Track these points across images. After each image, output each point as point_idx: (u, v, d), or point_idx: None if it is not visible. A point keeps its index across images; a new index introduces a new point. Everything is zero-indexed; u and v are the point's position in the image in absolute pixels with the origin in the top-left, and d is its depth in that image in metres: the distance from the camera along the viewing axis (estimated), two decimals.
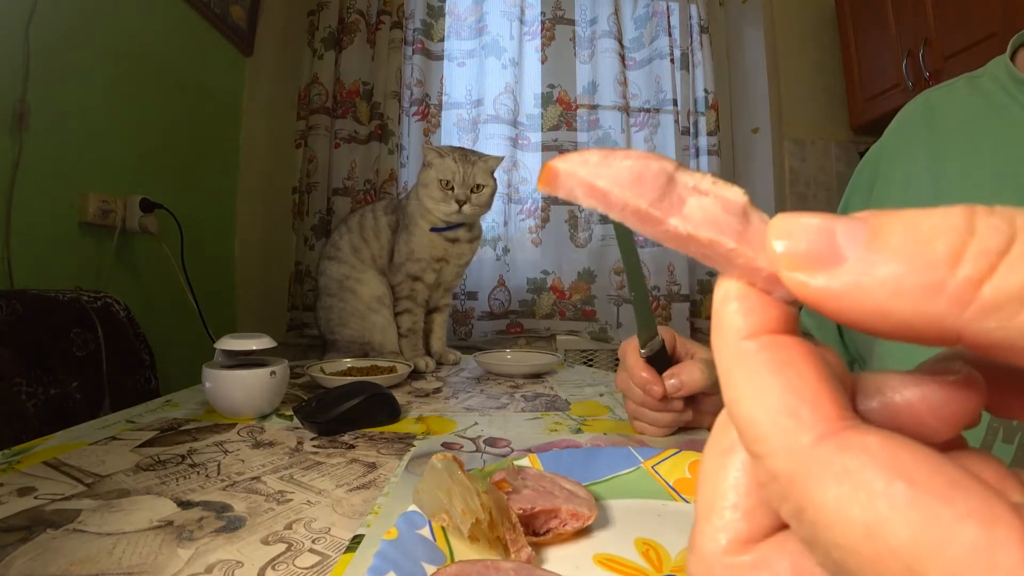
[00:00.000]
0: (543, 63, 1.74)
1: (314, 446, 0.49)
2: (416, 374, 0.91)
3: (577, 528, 0.31)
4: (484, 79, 1.70)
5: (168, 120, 1.29)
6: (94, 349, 0.82)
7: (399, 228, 1.04)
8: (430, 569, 0.27)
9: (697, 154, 1.79)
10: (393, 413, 0.58)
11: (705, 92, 1.78)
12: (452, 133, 1.71)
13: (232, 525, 0.34)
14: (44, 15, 0.92)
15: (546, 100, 1.73)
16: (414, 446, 0.50)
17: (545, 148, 1.72)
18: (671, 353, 0.53)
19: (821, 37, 1.81)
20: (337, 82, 1.60)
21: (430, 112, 1.67)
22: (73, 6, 1.00)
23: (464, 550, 0.29)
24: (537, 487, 0.33)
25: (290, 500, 0.37)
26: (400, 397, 0.66)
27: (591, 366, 1.47)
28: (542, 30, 1.74)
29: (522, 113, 1.71)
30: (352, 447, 0.49)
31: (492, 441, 0.52)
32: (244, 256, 1.64)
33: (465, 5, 1.74)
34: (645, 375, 0.50)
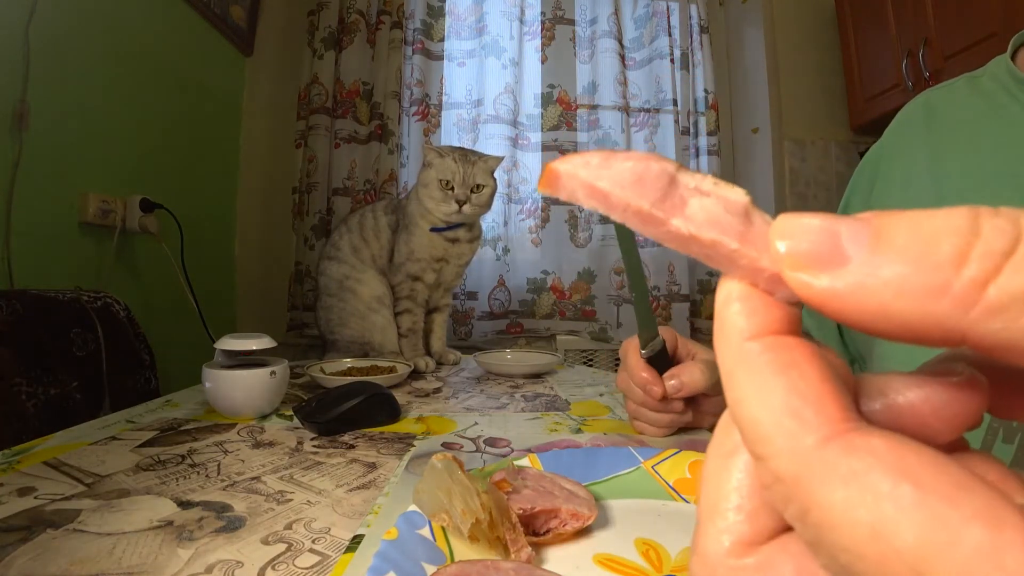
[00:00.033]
0: (543, 63, 1.74)
1: (314, 446, 0.49)
2: (416, 374, 0.90)
3: (577, 528, 0.31)
4: (484, 79, 1.70)
5: (168, 120, 1.28)
6: (94, 349, 0.82)
7: (399, 228, 1.04)
8: (430, 569, 0.27)
9: (697, 154, 1.79)
10: (393, 413, 0.58)
11: (705, 92, 1.78)
12: (452, 133, 1.71)
13: (232, 525, 0.34)
14: (44, 15, 0.92)
15: (546, 100, 1.73)
16: (414, 446, 0.50)
17: (545, 148, 1.72)
18: (672, 354, 0.52)
19: (821, 37, 1.81)
20: (337, 82, 1.60)
21: (430, 112, 1.67)
22: (73, 6, 1.00)
23: (464, 550, 0.29)
24: (537, 487, 0.33)
25: (290, 500, 0.37)
26: (400, 397, 0.66)
27: (591, 366, 1.47)
28: (542, 30, 1.74)
29: (522, 113, 1.71)
30: (352, 447, 0.49)
31: (492, 441, 0.52)
32: (244, 256, 1.64)
33: (465, 5, 1.74)
34: (645, 375, 0.50)
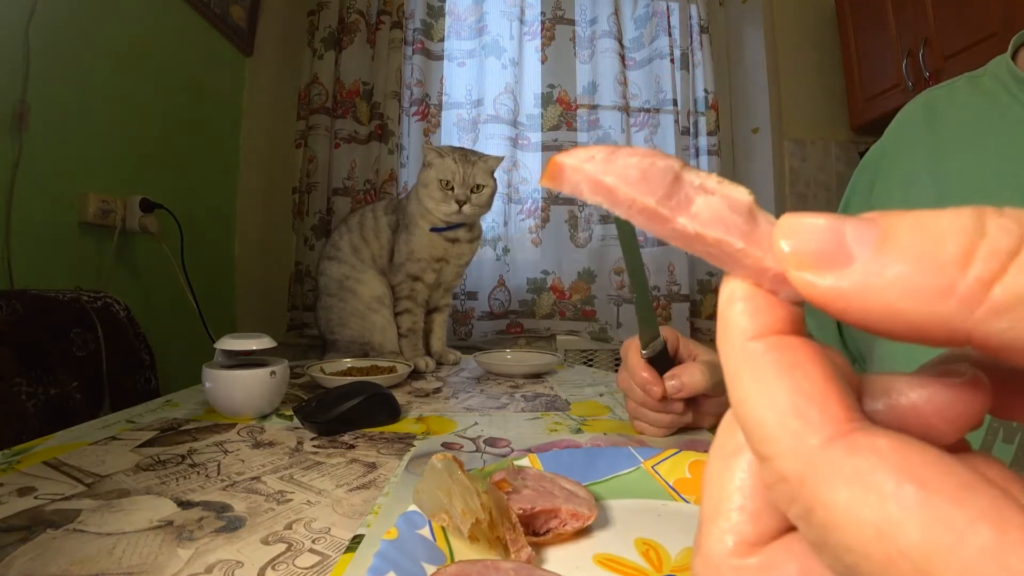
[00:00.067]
0: (543, 63, 1.74)
1: (314, 446, 0.49)
2: (416, 374, 0.90)
3: (577, 528, 0.31)
4: (484, 79, 1.70)
5: (168, 120, 1.28)
6: (94, 349, 0.82)
7: (399, 228, 1.04)
8: (430, 569, 0.27)
9: (697, 154, 1.79)
10: (393, 413, 0.58)
11: (705, 92, 1.78)
12: (452, 133, 1.71)
13: (232, 525, 0.33)
14: (44, 15, 0.92)
15: (546, 100, 1.73)
16: (414, 446, 0.49)
17: (545, 148, 1.72)
18: (673, 354, 0.52)
19: (821, 37, 1.81)
20: (337, 82, 1.60)
21: (430, 112, 1.67)
22: (73, 6, 1.00)
23: (464, 550, 0.29)
24: (537, 487, 0.33)
25: (290, 500, 0.37)
26: (400, 397, 0.66)
27: (591, 366, 1.47)
28: (542, 30, 1.74)
29: (522, 113, 1.71)
30: (352, 447, 0.49)
31: (492, 441, 0.52)
32: (244, 256, 1.64)
33: (465, 5, 1.74)
34: (645, 375, 0.50)
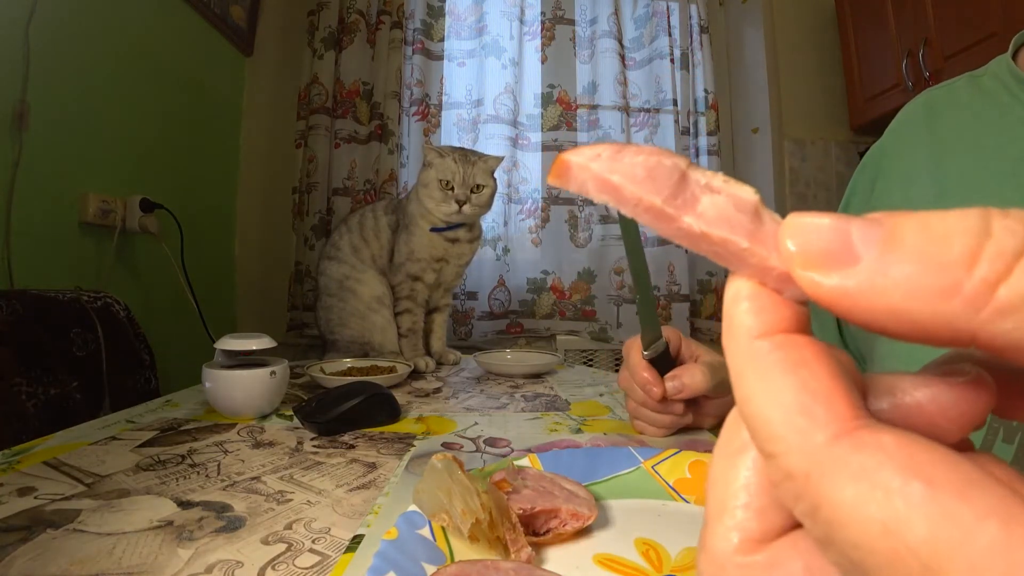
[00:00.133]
0: (543, 63, 1.74)
1: (314, 446, 0.49)
2: (416, 374, 0.90)
3: (577, 528, 0.31)
4: (484, 79, 1.70)
5: (168, 120, 1.28)
6: (94, 349, 0.82)
7: (399, 228, 1.04)
8: (430, 569, 0.27)
9: (697, 154, 1.79)
10: (393, 413, 0.58)
11: (705, 92, 1.78)
12: (452, 133, 1.71)
13: (232, 525, 0.33)
14: (44, 15, 0.92)
15: (546, 100, 1.73)
16: (414, 446, 0.49)
17: (545, 148, 1.72)
18: (676, 354, 0.52)
19: (821, 37, 1.81)
20: (337, 82, 1.60)
21: (430, 112, 1.67)
22: (73, 6, 1.00)
23: (464, 550, 0.29)
24: (537, 487, 0.33)
25: (290, 500, 0.37)
26: (400, 397, 0.66)
27: (591, 366, 1.47)
28: (542, 30, 1.74)
29: (522, 113, 1.71)
30: (352, 447, 0.49)
31: (492, 441, 0.52)
32: (244, 256, 1.64)
33: (465, 5, 1.74)
34: (646, 375, 0.50)
